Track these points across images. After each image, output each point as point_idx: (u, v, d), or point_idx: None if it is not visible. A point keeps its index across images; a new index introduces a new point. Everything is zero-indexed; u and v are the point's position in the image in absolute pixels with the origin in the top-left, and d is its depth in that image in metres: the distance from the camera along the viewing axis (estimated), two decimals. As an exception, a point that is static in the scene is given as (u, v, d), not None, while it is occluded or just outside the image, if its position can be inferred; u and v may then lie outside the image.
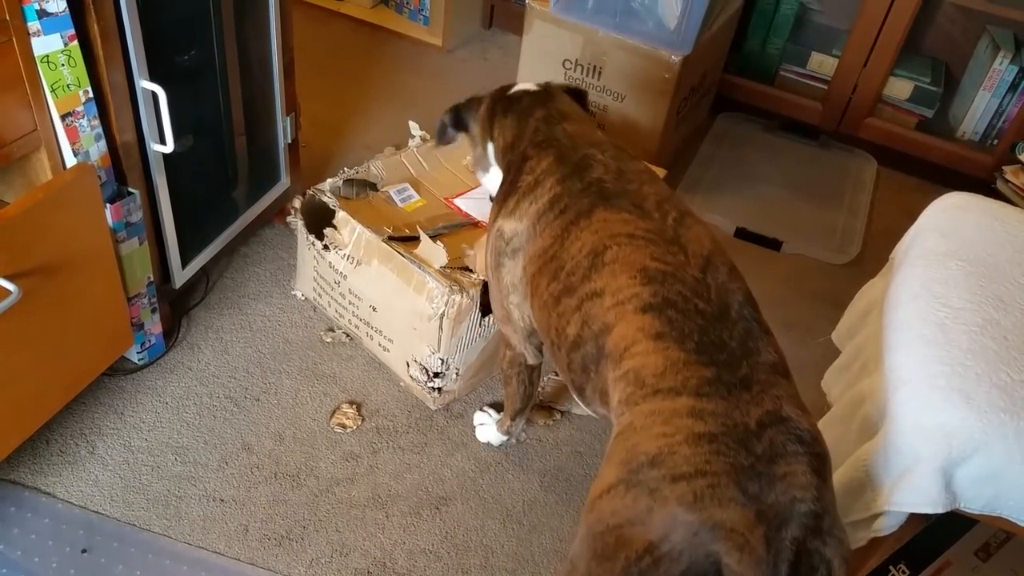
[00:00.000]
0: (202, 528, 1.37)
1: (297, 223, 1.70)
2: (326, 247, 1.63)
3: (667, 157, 2.22)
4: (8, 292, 1.11)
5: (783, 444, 0.85)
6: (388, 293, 1.56)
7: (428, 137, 1.91)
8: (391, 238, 1.55)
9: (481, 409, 1.60)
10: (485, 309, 1.50)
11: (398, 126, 2.39)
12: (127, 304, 1.43)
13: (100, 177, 1.31)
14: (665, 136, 2.15)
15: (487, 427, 1.56)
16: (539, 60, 2.22)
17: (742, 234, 2.13)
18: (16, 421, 1.26)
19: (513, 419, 1.48)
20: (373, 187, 1.73)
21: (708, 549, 0.80)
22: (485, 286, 1.46)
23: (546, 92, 1.32)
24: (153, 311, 1.54)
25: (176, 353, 1.64)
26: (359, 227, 1.56)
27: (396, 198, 1.72)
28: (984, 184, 2.35)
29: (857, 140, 2.49)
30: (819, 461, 0.86)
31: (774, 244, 2.11)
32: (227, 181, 1.71)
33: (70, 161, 1.28)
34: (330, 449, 1.52)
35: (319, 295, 1.75)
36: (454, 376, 1.57)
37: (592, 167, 1.14)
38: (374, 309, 1.61)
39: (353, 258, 1.59)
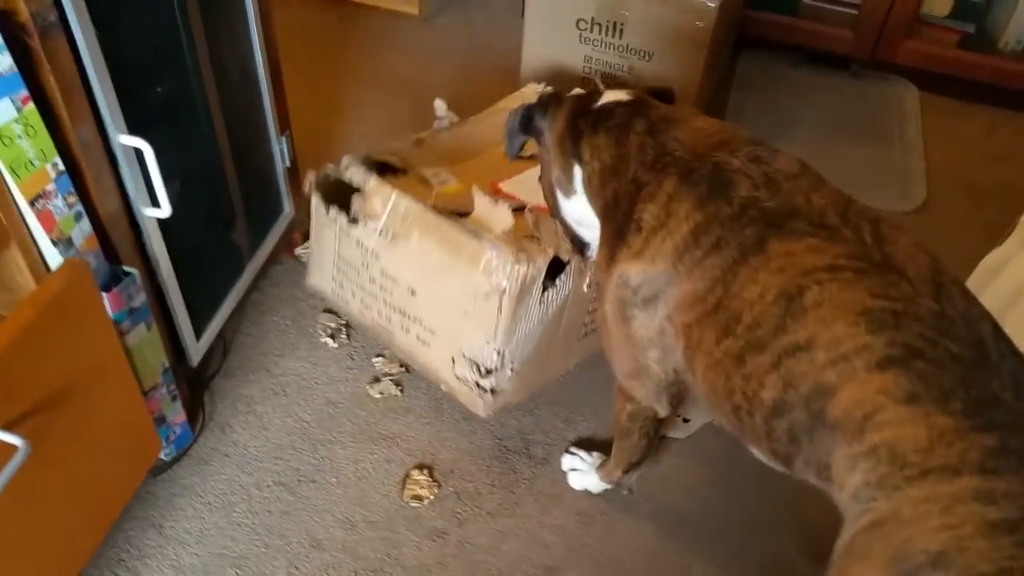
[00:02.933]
0: (284, 655, 1.15)
1: (313, 200, 1.43)
2: (353, 220, 1.37)
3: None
4: (14, 448, 0.86)
5: None
6: (432, 271, 1.30)
7: (456, 119, 1.63)
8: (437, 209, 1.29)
9: (568, 451, 1.39)
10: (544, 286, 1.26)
11: (395, 116, 2.11)
12: (146, 404, 1.18)
13: (90, 265, 1.04)
14: (701, 94, 1.91)
15: (582, 473, 1.35)
16: (547, 22, 1.95)
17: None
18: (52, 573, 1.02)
19: (626, 472, 1.27)
20: (403, 171, 1.46)
21: None
22: (555, 260, 1.24)
23: (640, 100, 1.06)
24: (173, 399, 1.29)
25: (206, 439, 1.39)
26: (395, 193, 1.30)
27: (433, 180, 1.45)
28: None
29: (892, 66, 2.27)
30: None
31: (838, 198, 1.90)
32: (225, 224, 1.44)
33: (49, 252, 1.00)
34: (410, 529, 1.30)
35: (340, 285, 1.48)
36: (509, 373, 1.32)
37: (733, 182, 0.91)
38: (413, 293, 1.35)
39: (388, 231, 1.33)
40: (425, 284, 1.33)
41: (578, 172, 1.07)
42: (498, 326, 1.26)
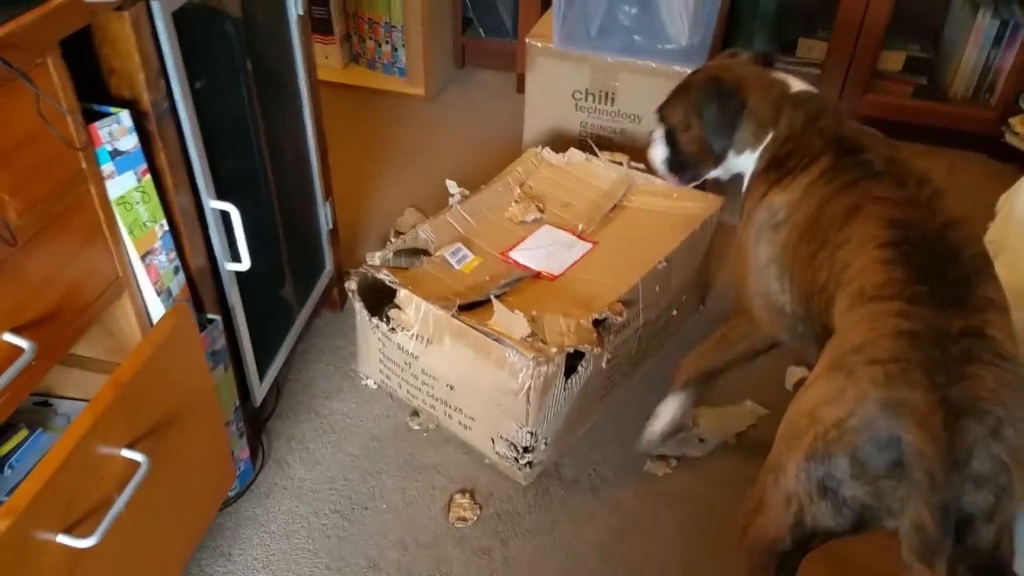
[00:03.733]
0: (353, 663, 1.27)
1: (356, 306, 1.60)
2: (392, 329, 1.55)
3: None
4: (137, 464, 1.01)
5: (979, 353, 0.92)
6: (465, 370, 1.48)
7: (468, 193, 1.83)
8: (460, 308, 1.47)
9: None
10: (568, 371, 1.44)
11: (410, 184, 2.31)
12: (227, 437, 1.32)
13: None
14: (690, 151, 2.12)
15: (658, 417, 1.53)
16: (547, 95, 2.17)
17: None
18: (144, 596, 1.14)
19: (695, 378, 1.47)
20: (425, 252, 1.65)
21: (890, 424, 0.90)
22: (574, 353, 1.41)
23: (823, 94, 1.37)
24: (241, 436, 1.43)
25: (266, 475, 1.53)
26: (424, 304, 1.48)
27: (451, 260, 1.64)
28: (991, 139, 2.40)
29: (857, 118, 2.51)
30: (1014, 378, 0.92)
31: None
32: (279, 281, 1.61)
33: (152, 301, 1.17)
34: (458, 548, 1.43)
35: (387, 377, 1.66)
36: (543, 447, 1.49)
37: (865, 151, 1.21)
38: (451, 388, 1.53)
39: (422, 337, 1.51)
40: (461, 380, 1.50)
41: (769, 135, 1.33)
42: (528, 415, 1.43)
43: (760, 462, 1.10)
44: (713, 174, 1.46)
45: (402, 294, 1.51)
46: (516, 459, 1.48)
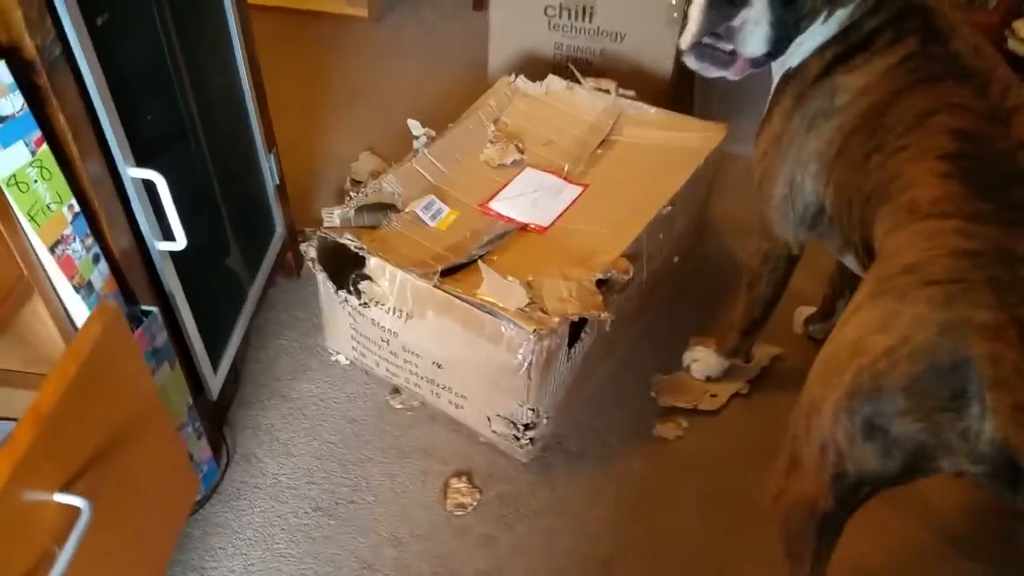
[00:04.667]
0: None
1: (319, 277, 1.39)
2: (364, 304, 1.35)
3: (681, 96, 1.99)
4: (78, 510, 0.81)
5: None
6: (454, 347, 1.29)
7: (434, 135, 1.61)
8: (443, 273, 1.27)
9: (689, 348, 1.50)
10: (570, 340, 1.28)
11: (361, 124, 2.06)
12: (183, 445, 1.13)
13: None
14: (675, 73, 1.92)
15: (701, 362, 1.47)
16: (514, 12, 1.93)
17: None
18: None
19: (745, 333, 1.38)
20: (393, 208, 1.44)
21: (954, 346, 0.77)
22: (576, 322, 1.24)
23: None
24: (199, 436, 1.24)
25: (233, 473, 1.34)
26: (400, 273, 1.28)
27: (424, 216, 1.43)
28: (995, 46, 2.25)
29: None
30: None
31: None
32: (222, 251, 1.38)
33: (70, 299, 0.95)
34: (459, 539, 1.28)
35: (362, 355, 1.47)
36: (544, 421, 1.33)
37: (955, 37, 1.04)
38: (439, 366, 1.34)
39: (401, 311, 1.31)
40: (449, 358, 1.32)
41: (843, 11, 1.06)
42: (529, 391, 1.26)
43: (779, 416, 0.96)
44: (793, 46, 1.09)
45: (373, 263, 1.31)
46: (516, 437, 1.32)
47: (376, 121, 2.07)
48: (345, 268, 1.38)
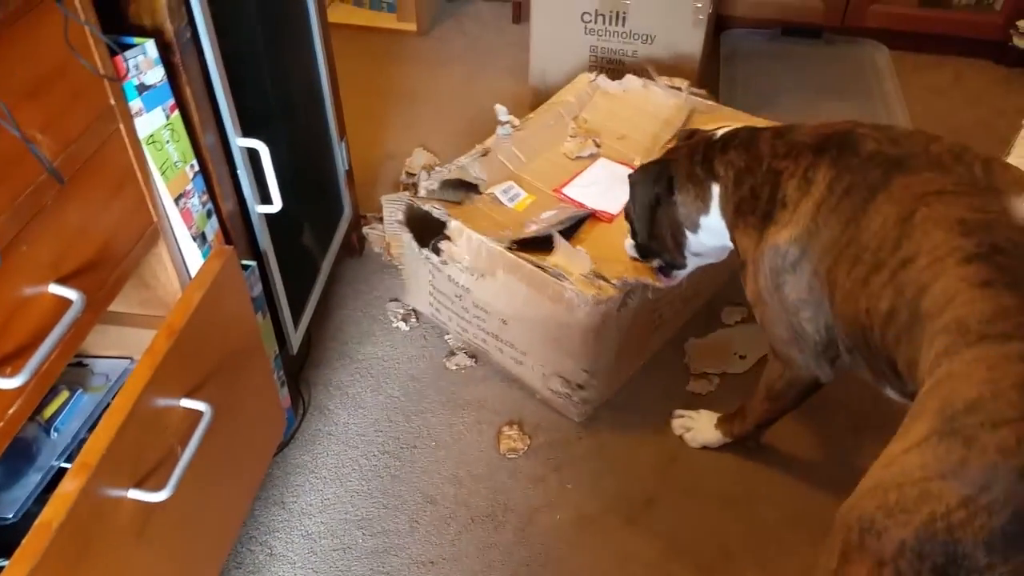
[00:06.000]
0: (421, 598, 1.26)
1: (405, 237, 1.56)
2: (444, 262, 1.50)
3: (708, 90, 2.14)
4: (199, 413, 0.97)
5: None
6: (519, 305, 1.44)
7: (518, 123, 1.75)
8: (516, 243, 1.43)
9: (675, 416, 1.48)
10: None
11: (414, 124, 2.24)
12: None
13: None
14: (701, 70, 2.07)
15: (697, 431, 1.45)
16: (553, 19, 2.10)
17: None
18: (215, 545, 1.12)
19: (760, 427, 1.37)
20: (475, 188, 1.60)
21: None
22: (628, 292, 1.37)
23: (753, 125, 1.21)
24: (282, 385, 1.40)
25: (309, 422, 1.50)
26: (476, 236, 1.44)
27: (503, 198, 1.58)
28: (997, 44, 2.37)
29: (861, 30, 2.46)
30: None
31: (837, 151, 2.07)
32: (301, 226, 1.56)
33: (188, 248, 1.12)
34: (513, 478, 1.42)
35: (437, 310, 1.62)
36: (595, 382, 1.46)
37: (862, 141, 1.03)
38: (504, 322, 1.50)
39: (475, 270, 1.47)
40: (515, 315, 1.46)
41: (715, 188, 1.20)
42: (584, 352, 1.39)
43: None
44: (694, 258, 1.35)
45: (453, 225, 1.47)
46: (569, 395, 1.46)
47: (427, 122, 2.25)
48: (427, 235, 1.53)
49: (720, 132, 1.23)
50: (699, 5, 1.93)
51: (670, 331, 1.64)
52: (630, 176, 1.35)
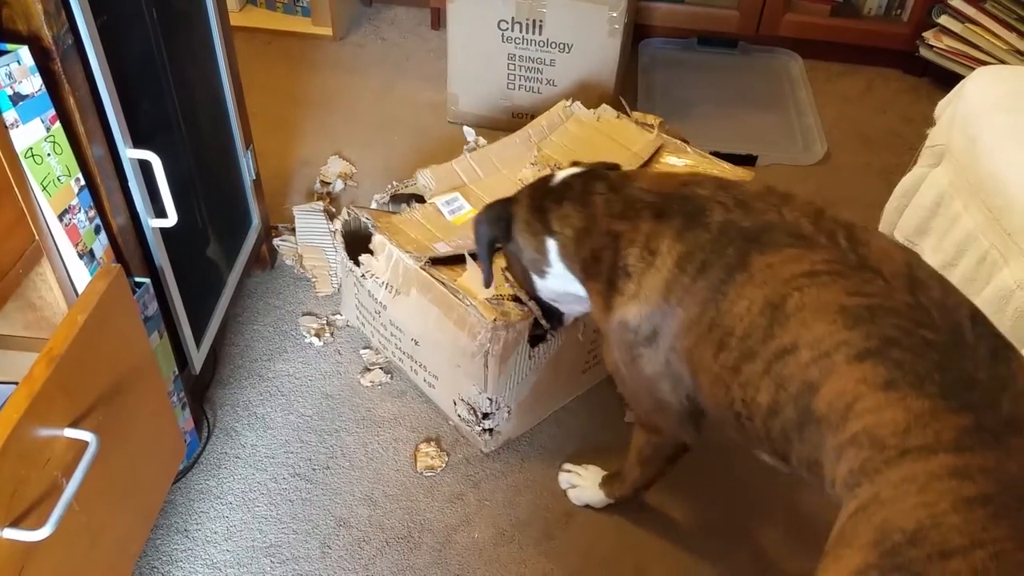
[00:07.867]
0: (334, 626, 1.22)
1: (337, 246, 1.52)
2: (363, 276, 1.46)
3: (624, 100, 2.16)
4: (84, 443, 0.91)
5: None
6: (430, 326, 1.40)
7: (484, 142, 1.69)
8: (434, 261, 1.38)
9: (562, 469, 1.41)
10: (534, 340, 1.35)
11: (330, 132, 2.18)
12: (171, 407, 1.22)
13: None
14: (618, 79, 2.08)
15: (581, 489, 1.38)
16: (470, 26, 2.07)
17: (716, 157, 2.11)
18: (103, 584, 1.05)
19: (638, 491, 1.31)
20: (420, 199, 1.56)
21: None
22: (535, 321, 1.31)
23: (593, 168, 1.12)
24: (183, 407, 1.33)
25: (214, 445, 1.44)
26: (396, 251, 1.39)
27: (444, 210, 1.53)
28: (906, 55, 2.46)
29: (775, 40, 2.52)
30: None
31: (750, 160, 2.11)
32: (204, 239, 1.49)
33: (74, 266, 1.05)
34: (430, 496, 1.39)
35: (363, 324, 1.60)
36: (505, 415, 1.41)
37: (706, 209, 0.95)
38: (416, 343, 1.46)
39: (392, 287, 1.43)
40: (425, 336, 1.42)
41: (552, 245, 1.11)
42: (487, 379, 1.34)
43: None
44: (569, 305, 1.26)
45: (377, 239, 1.43)
46: (476, 423, 1.42)
47: (343, 129, 2.19)
48: (364, 247, 1.48)
49: (560, 176, 1.14)
50: (614, 15, 1.94)
51: (602, 373, 1.57)
52: (476, 215, 1.24)
